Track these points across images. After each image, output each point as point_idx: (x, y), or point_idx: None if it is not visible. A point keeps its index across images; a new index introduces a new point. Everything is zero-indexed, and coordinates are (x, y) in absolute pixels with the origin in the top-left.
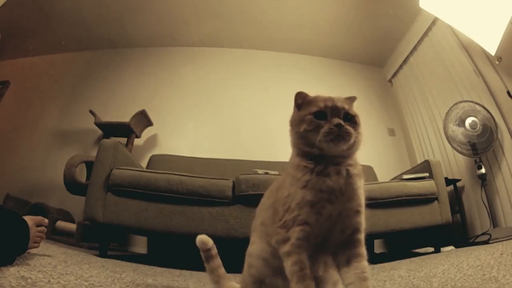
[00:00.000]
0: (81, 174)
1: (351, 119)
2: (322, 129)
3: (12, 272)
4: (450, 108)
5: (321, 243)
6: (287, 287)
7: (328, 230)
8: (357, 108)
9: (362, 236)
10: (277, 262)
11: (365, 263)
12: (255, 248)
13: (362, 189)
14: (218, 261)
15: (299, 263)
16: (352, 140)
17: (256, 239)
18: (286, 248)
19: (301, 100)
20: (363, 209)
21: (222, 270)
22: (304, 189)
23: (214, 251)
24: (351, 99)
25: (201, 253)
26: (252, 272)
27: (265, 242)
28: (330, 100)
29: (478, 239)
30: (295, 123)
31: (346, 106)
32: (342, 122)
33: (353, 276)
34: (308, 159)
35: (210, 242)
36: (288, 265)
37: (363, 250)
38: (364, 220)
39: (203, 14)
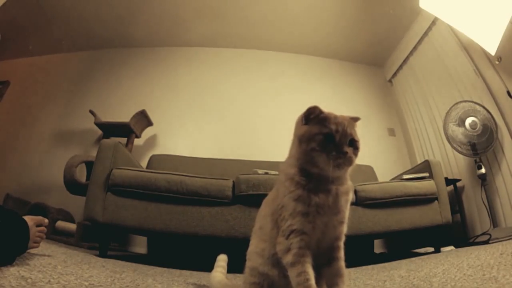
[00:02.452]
0: (81, 174)
1: (354, 145)
2: (331, 154)
3: (12, 272)
4: (450, 108)
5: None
6: (284, 279)
7: (318, 239)
8: (357, 108)
9: (341, 243)
10: (269, 254)
11: (342, 263)
12: (253, 247)
13: (348, 203)
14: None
15: (304, 274)
16: (352, 166)
17: (254, 241)
18: (289, 258)
19: (314, 116)
20: (346, 220)
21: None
22: (296, 201)
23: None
24: (355, 120)
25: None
26: (249, 264)
27: (261, 240)
28: (341, 124)
29: (478, 239)
30: (304, 139)
31: (353, 132)
32: (349, 150)
33: (332, 273)
34: (303, 175)
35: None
36: (293, 276)
37: (341, 253)
38: (345, 228)
39: (203, 14)
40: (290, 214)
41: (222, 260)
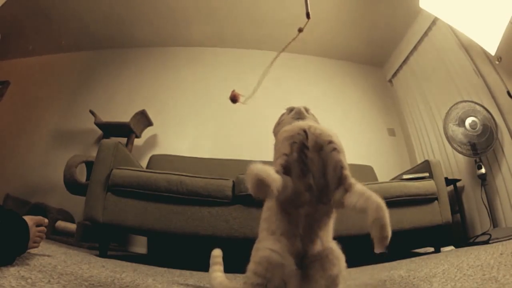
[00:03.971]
0: (81, 174)
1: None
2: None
3: (12, 272)
4: (450, 108)
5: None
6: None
7: (317, 180)
8: (357, 108)
9: (348, 172)
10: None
11: (360, 185)
12: (263, 243)
13: (336, 138)
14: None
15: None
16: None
17: (262, 236)
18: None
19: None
20: (342, 152)
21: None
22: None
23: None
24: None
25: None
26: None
27: (270, 232)
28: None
29: (478, 239)
30: (277, 125)
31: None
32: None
33: (357, 194)
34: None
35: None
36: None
37: (353, 180)
38: (345, 160)
39: (203, 14)
40: (277, 157)
41: (217, 256)
